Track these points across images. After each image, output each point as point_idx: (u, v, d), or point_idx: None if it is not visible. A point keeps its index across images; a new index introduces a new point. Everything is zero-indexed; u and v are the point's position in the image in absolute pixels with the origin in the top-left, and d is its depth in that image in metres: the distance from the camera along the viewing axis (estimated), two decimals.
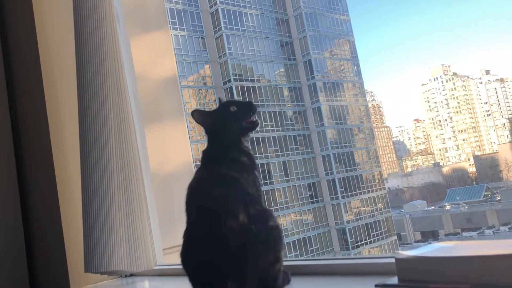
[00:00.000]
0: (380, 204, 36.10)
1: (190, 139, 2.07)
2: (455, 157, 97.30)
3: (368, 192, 35.45)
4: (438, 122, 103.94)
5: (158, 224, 1.59)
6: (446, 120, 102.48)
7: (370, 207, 35.17)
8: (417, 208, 49.80)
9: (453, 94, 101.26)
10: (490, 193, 49.94)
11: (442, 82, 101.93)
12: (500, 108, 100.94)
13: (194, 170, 1.48)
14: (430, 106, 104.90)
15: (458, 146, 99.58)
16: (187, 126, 2.00)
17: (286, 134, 33.17)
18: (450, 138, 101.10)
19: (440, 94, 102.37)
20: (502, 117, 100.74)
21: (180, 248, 1.00)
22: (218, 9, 32.03)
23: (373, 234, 34.20)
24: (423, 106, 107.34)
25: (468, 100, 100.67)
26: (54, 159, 1.60)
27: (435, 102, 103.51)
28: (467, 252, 0.76)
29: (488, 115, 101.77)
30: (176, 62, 2.06)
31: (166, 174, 1.81)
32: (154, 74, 1.86)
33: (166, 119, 1.86)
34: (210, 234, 0.93)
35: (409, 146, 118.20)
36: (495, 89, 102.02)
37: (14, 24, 1.82)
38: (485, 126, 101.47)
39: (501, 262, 0.66)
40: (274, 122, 32.66)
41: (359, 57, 43.15)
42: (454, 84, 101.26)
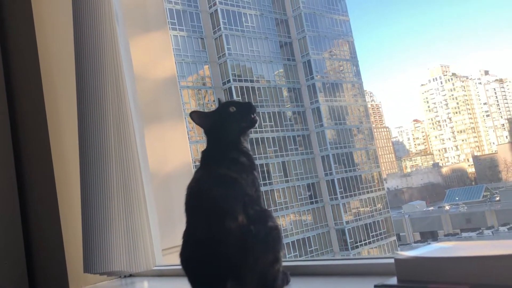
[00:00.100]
0: (379, 204, 36.13)
1: (189, 140, 2.07)
2: (454, 157, 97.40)
3: (367, 192, 35.48)
4: (437, 122, 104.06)
5: (158, 224, 1.59)
6: (445, 120, 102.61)
7: (370, 208, 35.19)
8: (416, 208, 49.84)
9: (452, 95, 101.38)
10: (489, 193, 50.02)
11: (441, 83, 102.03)
12: (499, 108, 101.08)
13: (193, 170, 1.48)
14: (429, 107, 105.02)
15: (457, 146, 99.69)
16: (187, 127, 2.00)
17: (285, 135, 33.18)
18: (449, 139, 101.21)
19: (439, 94, 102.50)
20: (501, 117, 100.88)
21: (179, 248, 1.00)
22: (217, 9, 32.05)
23: (372, 234, 34.23)
24: (422, 106, 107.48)
25: (467, 100, 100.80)
26: (53, 159, 1.60)
27: (434, 103, 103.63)
28: (467, 252, 0.76)
29: (487, 116, 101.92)
30: (175, 62, 2.06)
31: (166, 175, 1.81)
32: (153, 75, 1.86)
33: (165, 120, 1.86)
34: (209, 234, 0.93)
35: (408, 147, 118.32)
36: (494, 89, 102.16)
37: (13, 23, 1.82)
38: (484, 127, 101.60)
39: (500, 263, 0.66)
40: (273, 123, 32.67)
41: (358, 57, 43.16)
42: (453, 84, 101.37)
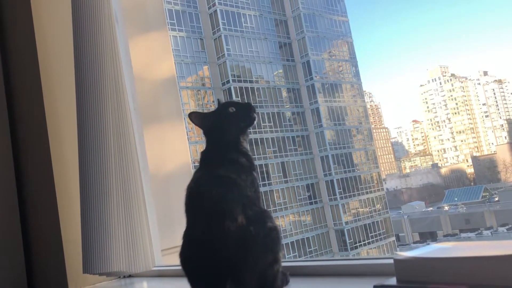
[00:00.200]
0: (378, 205, 36.12)
1: (188, 140, 2.07)
2: (453, 158, 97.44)
3: (366, 193, 35.48)
4: (436, 123, 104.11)
5: (157, 225, 1.59)
6: (444, 121, 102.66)
7: (369, 208, 35.19)
8: (415, 209, 49.85)
9: (451, 95, 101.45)
10: (488, 194, 50.02)
11: (440, 83, 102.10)
12: (498, 109, 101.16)
13: (192, 171, 1.48)
14: (428, 107, 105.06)
15: (456, 147, 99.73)
16: (186, 127, 2.00)
17: (284, 135, 33.17)
18: (448, 139, 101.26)
19: (438, 95, 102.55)
20: (500, 118, 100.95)
21: (178, 249, 1.00)
22: (216, 10, 32.04)
23: (371, 235, 34.23)
24: (421, 107, 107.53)
25: (466, 101, 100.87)
26: (53, 160, 1.60)
27: (433, 103, 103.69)
28: (466, 253, 0.76)
29: (486, 116, 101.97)
30: (174, 63, 2.06)
31: (165, 175, 1.81)
32: (153, 75, 1.86)
33: (164, 120, 1.86)
34: (209, 235, 0.93)
35: (407, 147, 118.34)
36: (493, 90, 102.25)
37: (12, 24, 1.82)
38: (483, 127, 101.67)
39: (499, 263, 0.66)
40: (272, 123, 32.66)
41: (358, 58, 43.18)
42: (452, 85, 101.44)
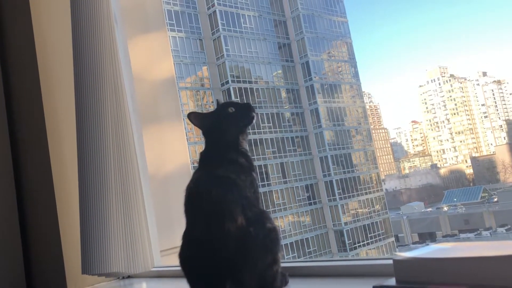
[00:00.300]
0: (377, 205, 36.14)
1: (187, 141, 2.07)
2: (453, 158, 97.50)
3: (365, 193, 35.49)
4: (435, 123, 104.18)
5: (156, 225, 1.59)
6: (444, 121, 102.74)
7: (368, 209, 35.21)
8: (414, 209, 49.91)
9: (450, 96, 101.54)
10: (487, 194, 50.06)
11: (440, 84, 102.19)
12: (497, 109, 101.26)
13: (191, 171, 1.48)
14: (427, 108, 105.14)
15: (455, 147, 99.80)
16: (185, 128, 2.00)
17: (283, 136, 33.18)
18: (448, 140, 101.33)
19: (437, 95, 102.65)
20: (499, 118, 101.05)
21: (177, 249, 1.00)
22: (215, 10, 32.06)
23: (370, 235, 34.24)
24: (421, 107, 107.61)
25: (465, 101, 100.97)
26: (51, 161, 1.59)
27: (433, 104, 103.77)
28: (465, 253, 0.76)
29: (485, 117, 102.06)
30: (174, 63, 2.06)
31: (164, 176, 1.81)
32: (152, 76, 1.86)
33: (163, 121, 1.86)
34: (208, 236, 0.92)
35: (406, 148, 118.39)
36: (492, 91, 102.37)
37: (11, 24, 1.82)
38: (482, 128, 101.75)
39: (498, 263, 0.66)
40: (271, 124, 32.67)
41: (357, 59, 43.22)
42: (452, 86, 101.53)
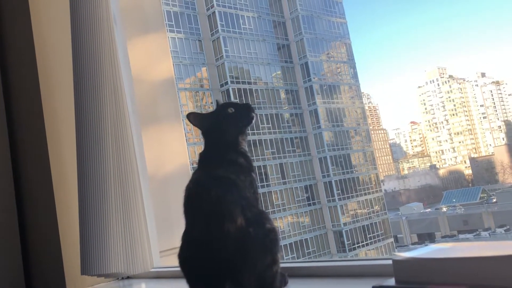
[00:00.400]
0: (376, 206, 36.16)
1: (187, 142, 2.07)
2: (451, 159, 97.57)
3: (364, 194, 35.51)
4: (434, 124, 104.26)
5: (155, 226, 1.59)
6: (442, 122, 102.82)
7: (367, 209, 35.23)
8: (413, 210, 49.94)
9: (449, 97, 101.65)
10: (486, 195, 50.11)
11: (438, 85, 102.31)
12: (495, 110, 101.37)
13: (191, 172, 1.48)
14: (426, 109, 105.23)
15: (454, 148, 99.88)
16: (184, 129, 2.00)
17: (283, 136, 33.19)
18: (446, 141, 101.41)
19: (436, 96, 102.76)
20: (498, 119, 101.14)
21: (177, 250, 1.00)
22: (215, 11, 32.07)
23: (369, 236, 34.25)
24: (419, 108, 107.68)
25: (464, 102, 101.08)
26: (51, 162, 1.59)
27: (431, 105, 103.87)
28: (464, 253, 0.76)
29: (484, 118, 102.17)
30: (173, 64, 2.06)
31: (163, 177, 1.81)
32: (151, 77, 1.86)
33: (163, 122, 1.86)
34: (208, 236, 0.92)
35: (405, 149, 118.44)
36: (491, 91, 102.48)
37: (11, 25, 1.81)
38: (481, 129, 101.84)
39: (498, 264, 0.66)
40: (271, 125, 32.68)
41: (356, 59, 43.25)
42: (450, 86, 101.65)
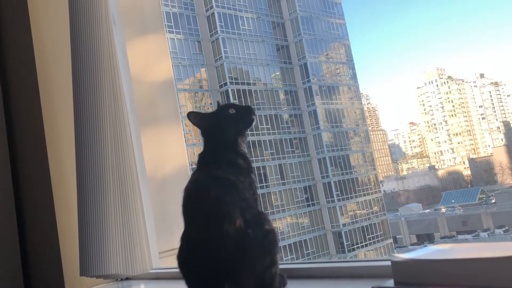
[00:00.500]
0: (375, 207, 36.16)
1: (186, 142, 2.07)
2: (450, 160, 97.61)
3: (364, 195, 35.52)
4: (433, 125, 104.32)
5: (154, 227, 1.58)
6: (441, 123, 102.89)
7: (366, 210, 35.23)
8: (412, 211, 49.93)
9: (448, 98, 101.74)
10: (485, 196, 50.11)
11: (437, 86, 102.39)
12: (494, 111, 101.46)
13: (190, 173, 1.48)
14: (425, 110, 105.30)
15: (453, 149, 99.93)
16: (183, 129, 2.00)
17: (282, 137, 33.19)
18: (445, 141, 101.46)
19: (435, 97, 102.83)
20: (497, 120, 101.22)
21: (176, 251, 1.00)
22: (214, 12, 32.08)
23: (369, 237, 34.25)
24: (418, 109, 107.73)
25: (463, 103, 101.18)
26: (50, 163, 1.59)
27: (430, 106, 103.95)
28: (463, 254, 0.76)
29: (482, 118, 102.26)
30: (172, 65, 2.06)
31: (162, 178, 1.81)
32: (150, 77, 1.86)
33: (162, 123, 1.86)
34: (207, 237, 0.92)
35: (404, 149, 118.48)
36: (490, 92, 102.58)
37: (10, 26, 1.81)
38: (479, 129, 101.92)
39: (496, 265, 0.66)
40: (270, 125, 32.69)
41: (355, 60, 43.29)
42: (449, 87, 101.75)
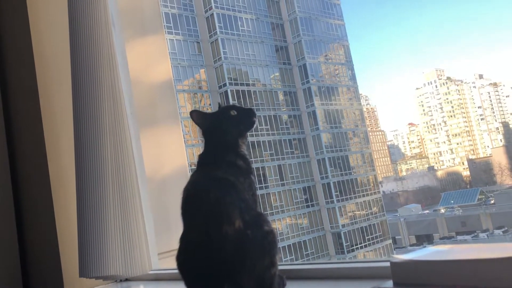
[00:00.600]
0: (375, 208, 36.17)
1: (185, 143, 2.07)
2: (449, 161, 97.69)
3: (363, 196, 35.53)
4: (432, 126, 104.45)
5: (153, 228, 1.58)
6: (440, 124, 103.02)
7: (365, 211, 35.24)
8: (411, 211, 49.96)
9: (447, 98, 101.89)
10: (484, 196, 50.15)
11: (436, 87, 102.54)
12: (493, 112, 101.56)
13: (189, 174, 1.48)
14: (424, 110, 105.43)
15: (452, 150, 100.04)
16: (183, 130, 2.00)
17: (281, 138, 33.20)
18: (444, 142, 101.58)
19: (434, 98, 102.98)
20: (496, 121, 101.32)
21: (175, 252, 1.00)
22: (213, 13, 32.10)
23: (368, 238, 34.26)
24: (417, 110, 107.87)
25: (462, 104, 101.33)
26: (49, 163, 1.59)
27: (429, 106, 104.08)
28: (462, 255, 0.76)
29: (481, 119, 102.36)
30: (171, 66, 2.06)
31: (162, 178, 1.81)
32: (150, 78, 1.86)
33: (161, 123, 1.86)
34: (206, 238, 0.92)
35: (403, 150, 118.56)
36: (489, 93, 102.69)
37: (9, 27, 1.81)
38: (478, 130, 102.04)
39: (496, 266, 0.66)
40: (269, 126, 32.70)
41: (354, 61, 43.32)
42: (448, 88, 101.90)
